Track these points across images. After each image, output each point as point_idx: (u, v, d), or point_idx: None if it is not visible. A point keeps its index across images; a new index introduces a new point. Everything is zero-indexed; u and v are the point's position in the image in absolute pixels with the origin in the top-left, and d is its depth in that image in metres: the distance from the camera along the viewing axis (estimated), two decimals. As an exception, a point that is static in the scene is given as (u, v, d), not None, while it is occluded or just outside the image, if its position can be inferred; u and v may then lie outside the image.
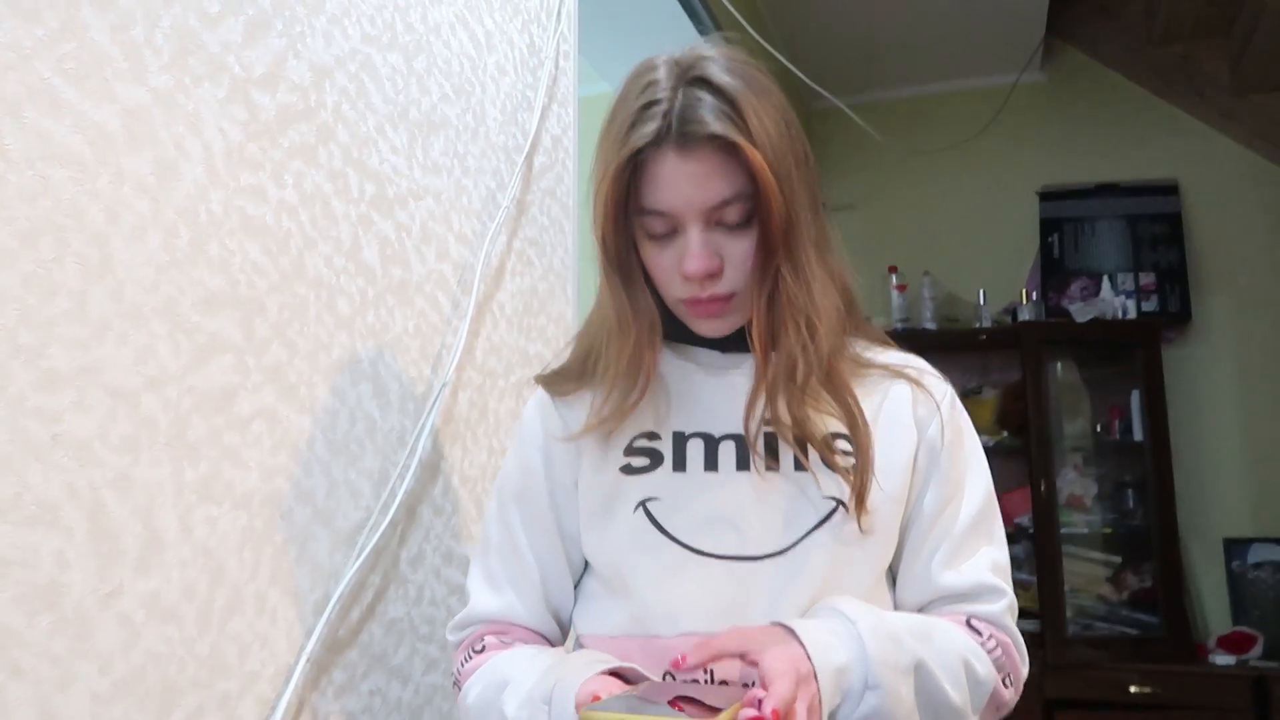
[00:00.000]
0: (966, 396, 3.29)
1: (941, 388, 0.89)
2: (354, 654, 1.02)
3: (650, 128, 0.76)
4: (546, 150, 1.50)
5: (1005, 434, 3.17)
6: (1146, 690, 2.71)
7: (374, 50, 1.10)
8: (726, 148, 0.76)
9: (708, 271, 0.79)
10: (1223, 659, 2.76)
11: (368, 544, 1.03)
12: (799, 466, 0.83)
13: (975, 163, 3.47)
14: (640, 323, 0.83)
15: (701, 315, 0.83)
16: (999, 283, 3.30)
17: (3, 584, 0.66)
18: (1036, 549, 2.93)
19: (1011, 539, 3.18)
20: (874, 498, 0.81)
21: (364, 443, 1.05)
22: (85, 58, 0.74)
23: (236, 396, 0.88)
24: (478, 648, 0.89)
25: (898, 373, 0.88)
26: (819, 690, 0.68)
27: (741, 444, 0.84)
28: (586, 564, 0.91)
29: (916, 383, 0.88)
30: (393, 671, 1.08)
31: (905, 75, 3.53)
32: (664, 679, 0.78)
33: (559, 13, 1.54)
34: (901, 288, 3.29)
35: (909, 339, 3.22)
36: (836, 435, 0.83)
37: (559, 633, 0.94)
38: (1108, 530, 3.06)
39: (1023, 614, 2.94)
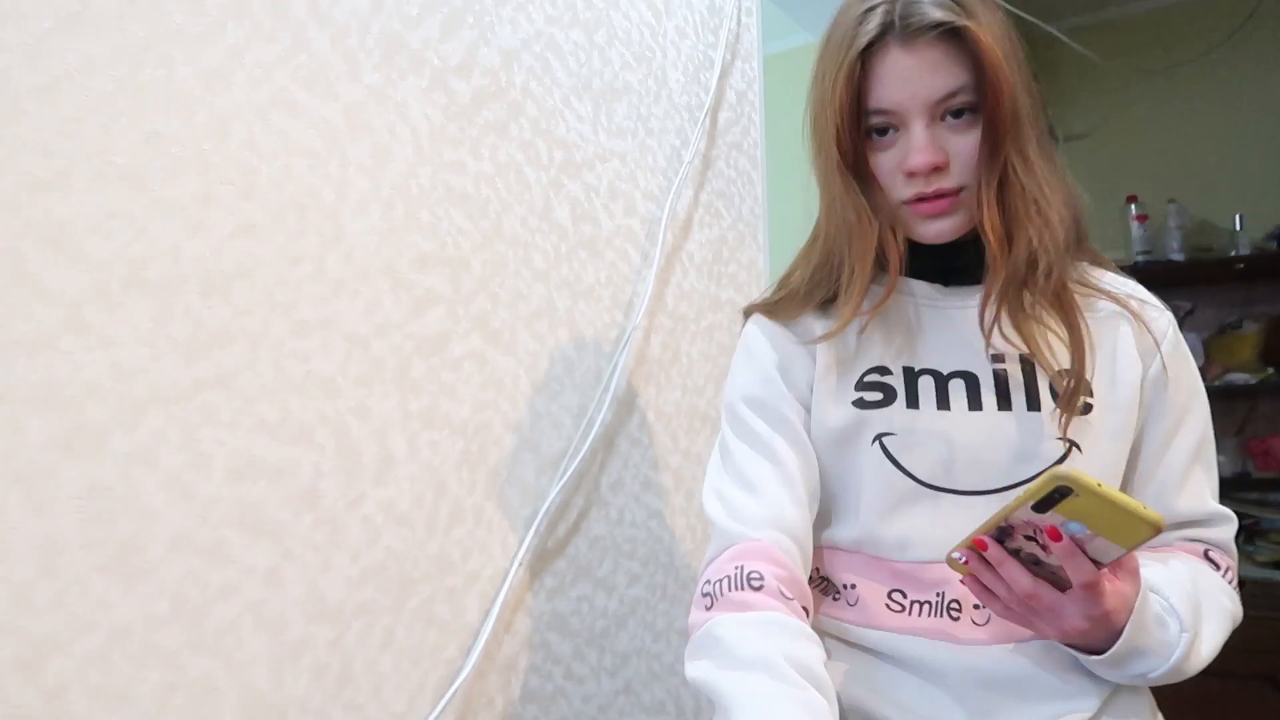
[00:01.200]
0: (1224, 332, 3.02)
1: (1164, 318, 0.88)
2: (562, 563, 1.17)
3: (873, 24, 0.78)
4: (731, 106, 1.58)
5: (1270, 370, 2.89)
6: None
7: (556, 30, 1.22)
8: (950, 37, 0.78)
9: (933, 164, 0.79)
10: None
11: (569, 468, 1.17)
12: (1031, 407, 0.82)
13: (1227, 76, 3.14)
14: (882, 218, 0.83)
15: (926, 214, 0.82)
16: (1260, 206, 2.99)
17: (275, 488, 0.85)
18: (1309, 495, 2.66)
19: (1277, 485, 2.91)
20: (1098, 432, 0.82)
21: (563, 381, 1.19)
22: (313, 66, 0.91)
23: (449, 341, 1.04)
24: (755, 582, 0.80)
25: (1122, 302, 0.86)
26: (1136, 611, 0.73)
27: (972, 382, 0.84)
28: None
29: (1138, 315, 0.86)
30: (598, 582, 1.23)
31: (1145, -14, 3.24)
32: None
33: (739, -29, 1.60)
34: (1142, 218, 3.06)
35: (1152, 273, 3.02)
36: (1066, 372, 0.82)
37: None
38: (1397, 474, 2.72)
39: (1290, 564, 2.71)
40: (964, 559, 0.74)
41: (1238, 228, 2.94)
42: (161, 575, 0.76)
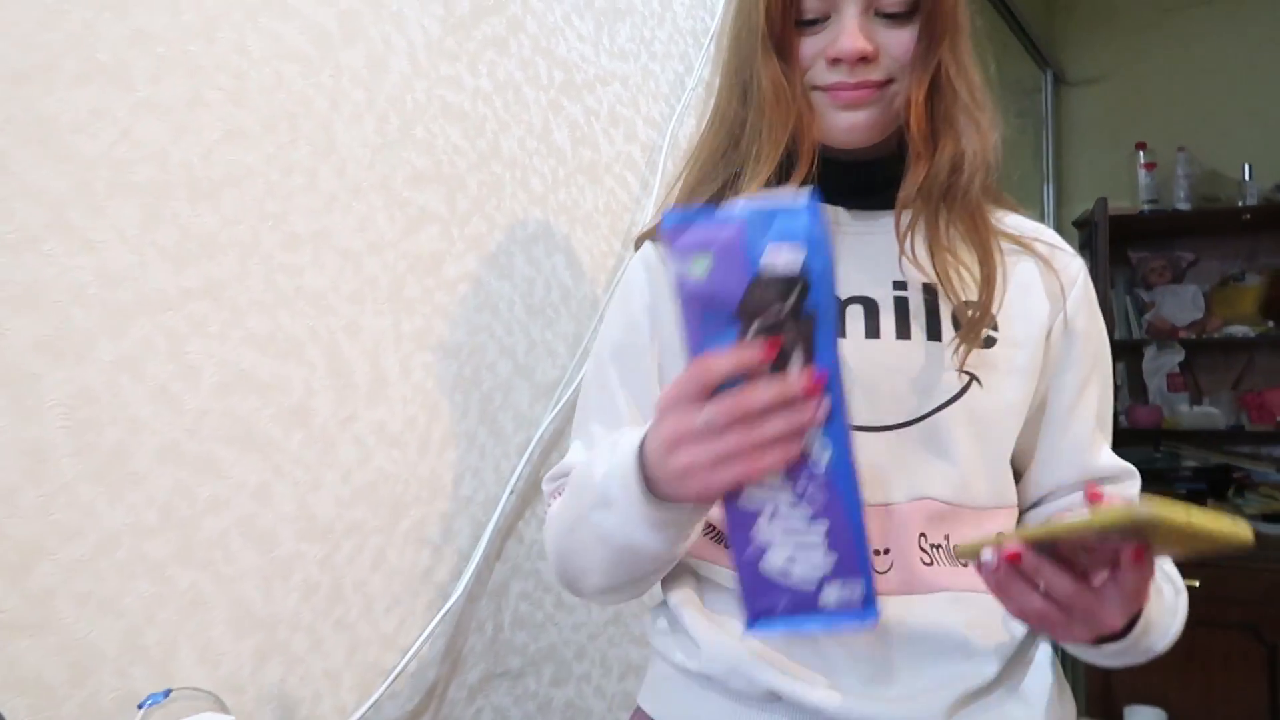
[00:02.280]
0: (1226, 284, 3.01)
1: (1075, 263, 0.83)
2: (554, 492, 1.16)
3: None
4: (737, 33, 1.53)
5: (1270, 324, 2.88)
6: None
7: (559, -56, 1.18)
8: None
9: (861, 51, 0.73)
10: None
11: (563, 397, 1.16)
12: (932, 336, 0.76)
13: (1242, 20, 3.07)
14: (800, 99, 0.76)
15: (844, 102, 0.75)
16: (1270, 156, 2.95)
17: (265, 403, 0.84)
18: (1301, 449, 2.67)
19: (1274, 439, 2.92)
20: (1001, 368, 0.77)
21: (559, 308, 1.17)
22: (306, -32, 0.87)
23: (444, 262, 1.02)
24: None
25: (1028, 245, 0.81)
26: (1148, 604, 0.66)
27: (871, 308, 0.77)
28: None
29: (1047, 260, 0.81)
30: (591, 512, 1.22)
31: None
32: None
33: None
34: (1150, 166, 3.02)
35: (1158, 222, 2.99)
36: (972, 304, 0.76)
37: None
38: (1393, 430, 2.73)
39: (1280, 517, 2.73)
40: (994, 564, 0.62)
41: (1246, 177, 2.91)
42: (150, 486, 0.75)
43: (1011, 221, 0.83)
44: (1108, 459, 0.81)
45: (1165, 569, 0.74)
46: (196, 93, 0.79)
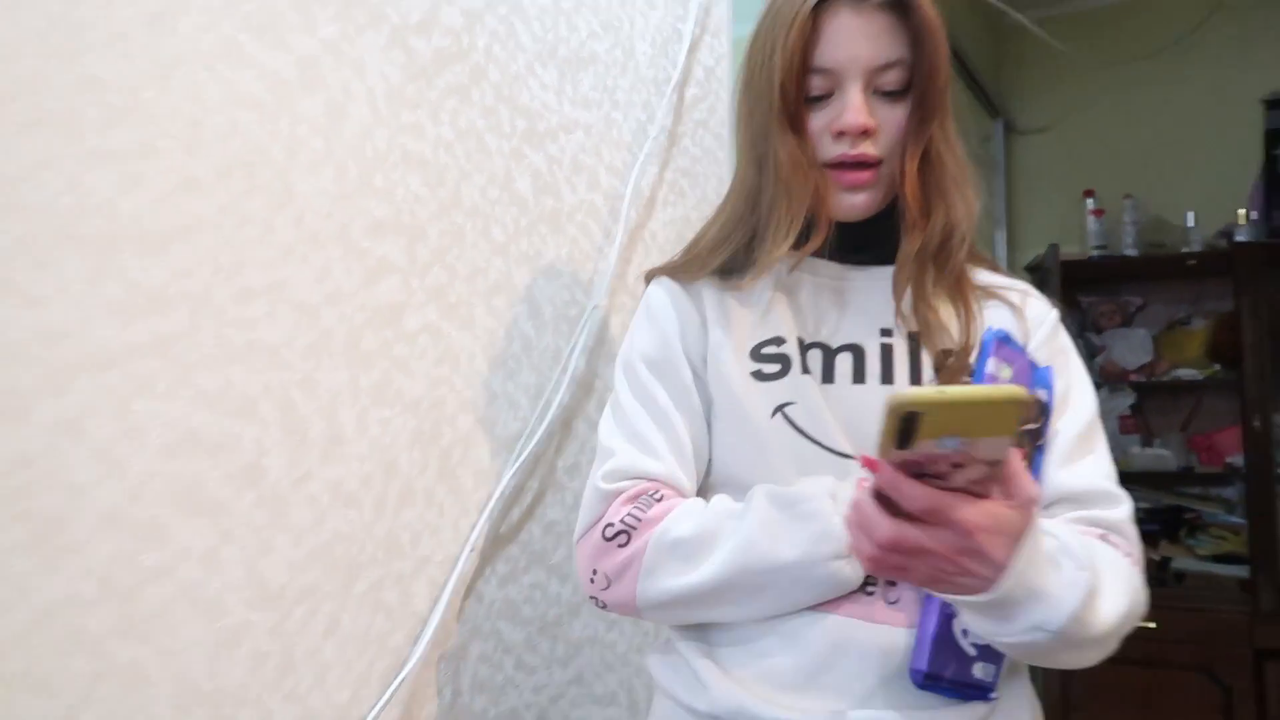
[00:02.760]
0: (1173, 328, 3.07)
1: (1044, 309, 0.91)
2: (515, 549, 1.13)
3: None
4: (699, 82, 1.54)
5: (1217, 367, 2.94)
6: (1374, 643, 2.48)
7: (523, -7, 1.17)
8: (896, 10, 0.83)
9: (865, 125, 0.83)
10: None
11: (525, 451, 1.13)
12: (914, 381, 0.85)
13: (1185, 71, 3.18)
14: (815, 169, 0.86)
15: (847, 184, 0.86)
16: (1212, 204, 3.03)
17: (214, 464, 0.80)
18: (1249, 490, 2.71)
19: (1222, 480, 2.97)
20: None
21: (520, 359, 1.15)
22: (263, 14, 0.85)
23: (403, 313, 0.99)
24: (656, 496, 0.84)
25: (1002, 296, 0.90)
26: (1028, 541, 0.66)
27: (859, 354, 0.87)
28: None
29: (1019, 307, 0.90)
30: (552, 569, 1.19)
31: (1107, -18, 3.27)
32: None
33: (710, -56, 1.56)
34: (1098, 212, 3.09)
35: (1107, 267, 3.05)
36: (949, 353, 0.85)
37: None
38: (1333, 471, 2.79)
39: (1233, 559, 2.78)
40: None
41: (1190, 224, 2.98)
42: (88, 554, 0.71)
43: (988, 278, 0.92)
44: (1082, 481, 0.83)
45: (1073, 550, 0.72)
46: (149, 141, 0.75)
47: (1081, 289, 3.18)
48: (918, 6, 0.83)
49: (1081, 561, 0.70)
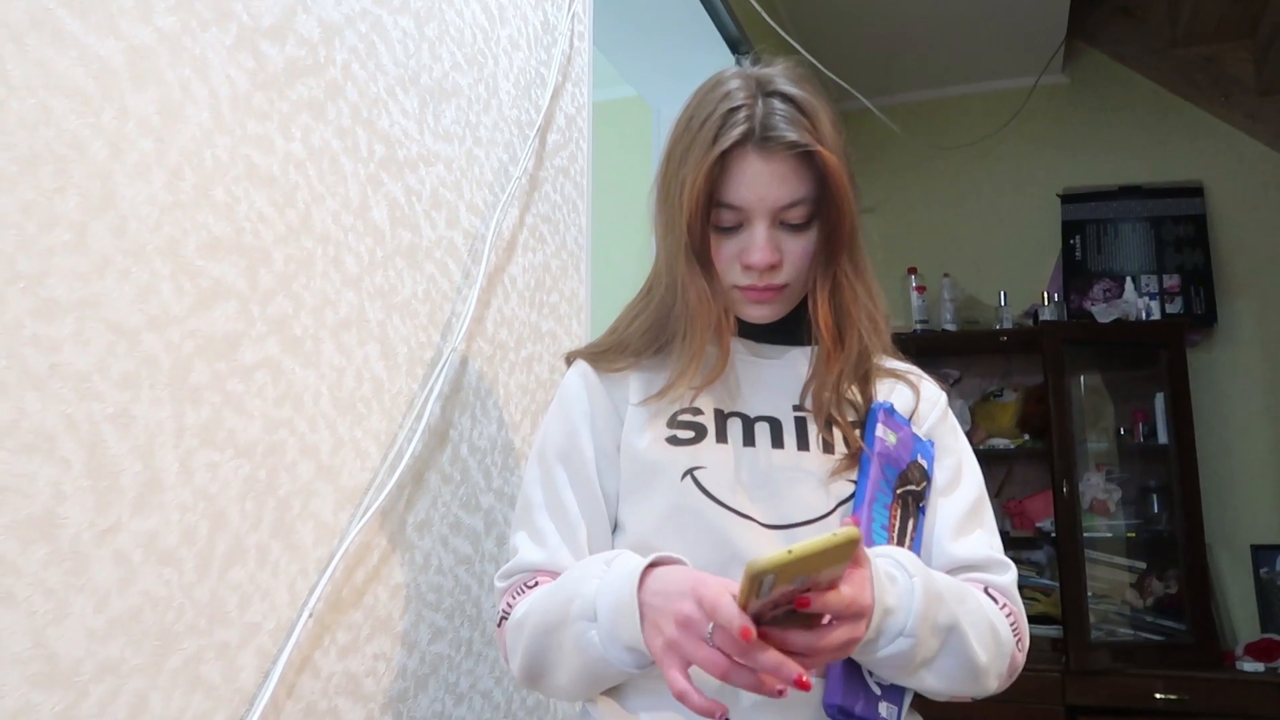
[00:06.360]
0: (987, 399, 3.25)
1: (935, 391, 1.00)
2: (358, 615, 1.01)
3: (737, 131, 0.85)
4: (560, 129, 1.50)
5: (1026, 437, 3.13)
6: (1172, 697, 2.65)
7: (384, 12, 1.10)
8: (802, 154, 0.86)
9: (771, 263, 0.87)
10: (1251, 666, 2.70)
11: (372, 504, 1.02)
12: (825, 450, 0.91)
13: (996, 164, 3.44)
14: (718, 305, 0.90)
15: (754, 300, 0.91)
16: (1020, 285, 3.27)
17: (-2, 511, 0.65)
18: (1059, 554, 2.87)
19: (1033, 544, 3.14)
20: None
21: (370, 403, 1.04)
22: (91, -9, 0.74)
23: (240, 345, 0.87)
24: (530, 584, 0.91)
25: (903, 377, 0.98)
26: (867, 622, 0.75)
27: (776, 425, 0.92)
28: (616, 527, 0.96)
29: (915, 387, 0.98)
30: (398, 637, 1.07)
31: (925, 78, 3.52)
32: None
33: (573, -7, 1.54)
34: (921, 289, 3.27)
35: (928, 341, 3.21)
36: (855, 424, 0.93)
37: None
38: (1132, 535, 3.01)
39: (1045, 620, 2.91)
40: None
41: (1002, 303, 3.19)
42: None
43: (892, 363, 0.99)
44: (971, 551, 0.91)
45: (905, 564, 0.80)
46: (-67, 117, 0.63)
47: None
48: (821, 157, 0.85)
49: (910, 568, 0.79)
